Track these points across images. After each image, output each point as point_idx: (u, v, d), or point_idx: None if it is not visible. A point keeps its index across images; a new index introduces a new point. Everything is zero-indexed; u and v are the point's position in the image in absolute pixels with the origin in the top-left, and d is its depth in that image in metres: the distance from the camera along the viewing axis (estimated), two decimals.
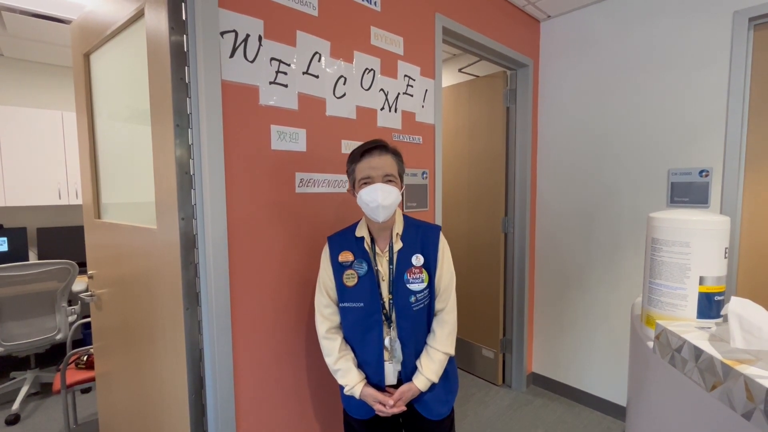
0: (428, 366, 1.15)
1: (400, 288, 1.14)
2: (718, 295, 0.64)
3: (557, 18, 2.41)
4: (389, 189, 1.09)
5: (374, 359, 1.16)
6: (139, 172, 1.38)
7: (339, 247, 1.19)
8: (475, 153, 2.67)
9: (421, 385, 1.14)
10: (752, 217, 1.82)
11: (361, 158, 1.12)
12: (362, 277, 1.15)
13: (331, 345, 1.18)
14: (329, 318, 1.20)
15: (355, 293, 1.15)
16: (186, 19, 1.11)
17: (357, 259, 1.16)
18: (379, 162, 1.11)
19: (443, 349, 1.16)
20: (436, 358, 1.15)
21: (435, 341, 1.17)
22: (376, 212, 1.09)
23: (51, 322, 2.37)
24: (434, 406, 1.19)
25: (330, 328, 1.19)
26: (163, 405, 1.34)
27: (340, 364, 1.16)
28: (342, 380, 1.16)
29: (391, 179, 1.12)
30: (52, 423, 2.25)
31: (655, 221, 0.69)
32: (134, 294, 1.44)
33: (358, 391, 1.14)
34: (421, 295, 1.15)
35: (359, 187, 1.12)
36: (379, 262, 1.17)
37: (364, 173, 1.11)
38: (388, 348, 1.16)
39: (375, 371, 1.17)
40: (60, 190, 2.94)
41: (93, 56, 1.60)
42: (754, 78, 1.79)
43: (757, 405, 0.43)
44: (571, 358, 2.47)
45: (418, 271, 1.15)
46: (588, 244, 2.34)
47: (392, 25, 1.65)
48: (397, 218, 1.19)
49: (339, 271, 1.17)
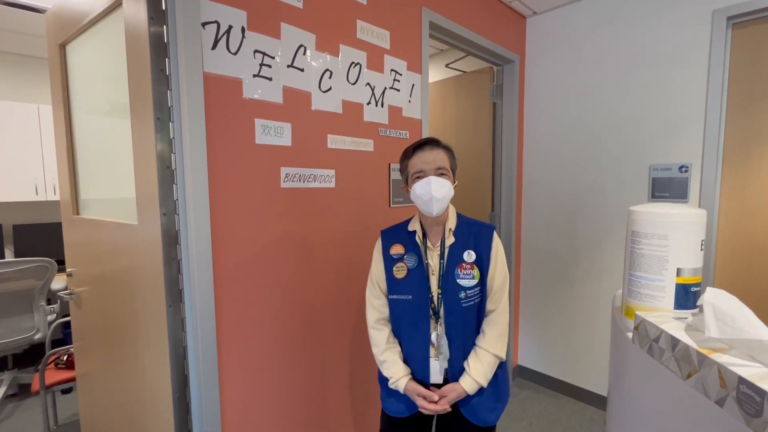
0: (476, 367, 1.11)
1: (449, 282, 1.12)
2: (695, 287, 0.66)
3: (543, 14, 2.43)
4: (442, 182, 1.08)
5: (420, 354, 1.14)
6: (119, 167, 1.34)
7: (391, 240, 1.19)
8: (462, 148, 2.68)
9: (467, 386, 1.10)
10: (729, 211, 1.87)
11: (413, 153, 1.13)
12: (412, 269, 1.15)
13: (379, 336, 1.18)
14: (378, 309, 1.20)
15: (404, 285, 1.15)
16: (166, 9, 1.08)
17: (408, 252, 1.16)
18: (430, 156, 1.11)
19: (493, 351, 1.12)
20: (485, 359, 1.11)
21: (485, 342, 1.13)
22: (430, 205, 1.08)
23: (29, 321, 2.31)
24: (481, 412, 1.14)
25: (379, 319, 1.20)
26: (146, 404, 1.32)
27: (387, 356, 1.15)
28: (387, 372, 1.14)
29: (444, 172, 1.11)
30: (31, 425, 2.20)
31: (634, 215, 0.71)
32: (115, 292, 1.41)
33: (402, 384, 1.12)
34: (471, 292, 1.12)
35: (412, 182, 1.12)
36: (430, 256, 1.16)
37: (417, 167, 1.11)
38: (435, 344, 1.13)
39: (420, 367, 1.14)
40: (37, 186, 2.85)
41: (69, 47, 1.55)
42: (731, 76, 1.83)
43: (730, 392, 0.44)
44: (555, 350, 2.52)
45: (469, 267, 1.13)
46: (572, 239, 2.38)
47: (379, 19, 1.63)
48: (450, 214, 1.18)
49: (390, 263, 1.17)
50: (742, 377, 0.43)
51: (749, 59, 1.78)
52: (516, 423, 2.18)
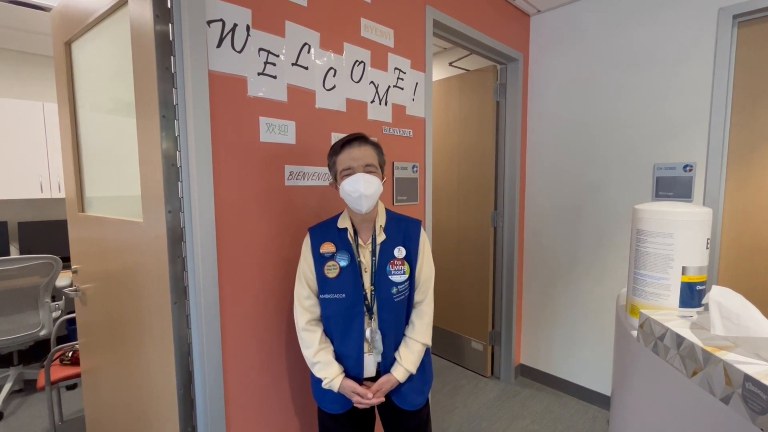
0: (407, 357, 1.16)
1: (382, 279, 1.15)
2: (700, 285, 0.66)
3: (547, 13, 2.42)
4: (371, 179, 1.09)
5: (355, 351, 1.16)
6: (124, 165, 1.35)
7: (321, 238, 1.18)
8: (465, 147, 2.67)
9: (400, 376, 1.15)
10: (734, 210, 1.86)
11: (341, 150, 1.13)
12: (344, 268, 1.15)
13: (311, 337, 1.17)
14: (309, 310, 1.18)
15: (336, 284, 1.15)
16: (171, 7, 1.08)
17: (339, 250, 1.16)
18: (359, 153, 1.11)
19: (422, 340, 1.18)
20: (415, 349, 1.17)
21: (414, 332, 1.18)
22: (359, 202, 1.09)
23: (34, 318, 2.32)
24: (411, 396, 1.20)
25: (310, 320, 1.18)
26: (151, 400, 1.33)
27: (320, 357, 1.15)
28: (321, 373, 1.14)
29: (372, 169, 1.12)
30: (36, 420, 2.21)
31: (640, 213, 0.71)
32: (120, 289, 1.42)
33: (337, 384, 1.13)
34: (402, 287, 1.17)
35: (341, 179, 1.12)
36: (362, 254, 1.17)
37: (345, 164, 1.11)
38: (369, 340, 1.16)
39: (355, 363, 1.16)
40: (42, 183, 2.87)
41: (74, 45, 1.55)
42: (737, 74, 1.82)
43: (735, 389, 0.45)
44: (558, 349, 2.51)
45: (400, 263, 1.16)
46: (575, 238, 2.37)
47: (382, 17, 1.63)
48: (380, 210, 1.20)
49: (320, 262, 1.16)
50: (748, 375, 0.43)
51: (755, 58, 1.77)
52: (518, 422, 2.19)
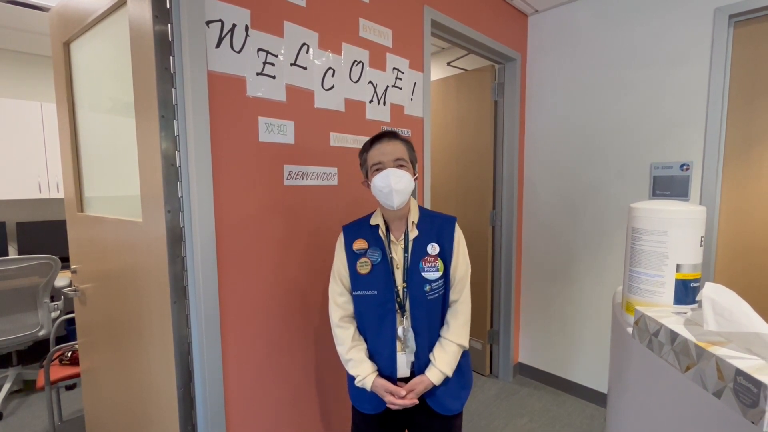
0: (442, 358, 1.12)
1: (414, 276, 1.13)
2: (694, 282, 0.67)
3: (544, 12, 2.43)
4: (401, 173, 1.08)
5: (387, 349, 1.14)
6: (123, 165, 1.35)
7: (353, 235, 1.18)
8: (464, 146, 2.68)
9: (434, 377, 1.11)
10: (730, 209, 1.88)
11: (371, 146, 1.13)
12: (376, 264, 1.14)
13: (344, 334, 1.16)
14: (343, 306, 1.18)
15: (368, 281, 1.14)
16: (170, 8, 1.08)
17: (371, 247, 1.15)
18: (389, 147, 1.11)
19: (457, 341, 1.13)
20: (450, 350, 1.13)
21: (449, 333, 1.14)
22: (390, 197, 1.07)
23: (33, 318, 2.32)
24: (446, 401, 1.16)
25: (343, 317, 1.18)
26: (151, 399, 1.33)
27: (352, 354, 1.14)
28: (353, 371, 1.13)
29: (403, 163, 1.11)
30: (35, 420, 2.21)
31: (635, 211, 0.71)
32: (120, 288, 1.42)
33: (369, 382, 1.12)
34: (436, 285, 1.13)
35: (372, 175, 1.12)
36: (394, 250, 1.16)
37: (375, 159, 1.11)
38: (401, 338, 1.13)
39: (387, 362, 1.14)
40: (40, 184, 2.86)
41: (73, 45, 1.56)
42: (733, 74, 1.84)
43: (727, 383, 0.45)
44: (556, 348, 2.53)
45: (433, 259, 1.13)
46: (573, 237, 2.38)
47: (381, 17, 1.64)
48: (412, 207, 1.18)
49: (353, 259, 1.16)
50: (739, 369, 0.44)
51: (751, 57, 1.79)
52: (516, 420, 2.20)
